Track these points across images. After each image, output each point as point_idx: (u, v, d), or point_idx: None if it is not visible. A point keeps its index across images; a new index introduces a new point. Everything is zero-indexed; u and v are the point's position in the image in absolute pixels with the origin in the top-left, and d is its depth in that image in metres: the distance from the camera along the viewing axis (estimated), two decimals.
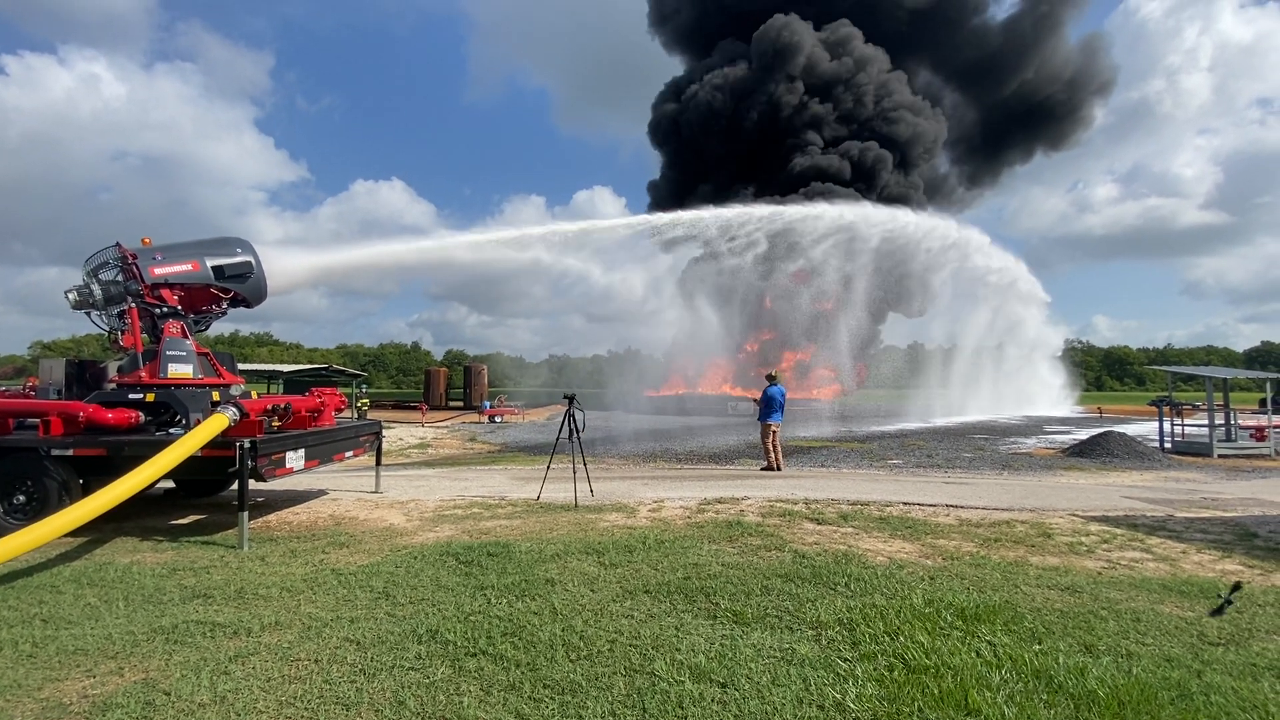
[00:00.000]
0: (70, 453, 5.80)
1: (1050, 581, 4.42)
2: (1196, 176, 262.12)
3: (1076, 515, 6.91)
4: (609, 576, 4.44)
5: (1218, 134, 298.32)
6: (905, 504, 7.38)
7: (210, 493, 8.00)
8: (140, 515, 6.76)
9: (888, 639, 3.32)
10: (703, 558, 4.92)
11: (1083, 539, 5.79)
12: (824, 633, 3.44)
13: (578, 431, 7.64)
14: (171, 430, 6.32)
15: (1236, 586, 4.08)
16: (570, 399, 7.76)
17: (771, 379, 12.03)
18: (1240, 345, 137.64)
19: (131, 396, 6.26)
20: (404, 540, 5.68)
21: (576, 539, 5.56)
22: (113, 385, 6.58)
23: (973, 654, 3.14)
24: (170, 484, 7.58)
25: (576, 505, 7.17)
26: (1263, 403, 32.94)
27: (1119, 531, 6.11)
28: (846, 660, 3.10)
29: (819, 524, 6.25)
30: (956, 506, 7.32)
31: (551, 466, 8.08)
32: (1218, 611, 3.80)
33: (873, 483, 9.78)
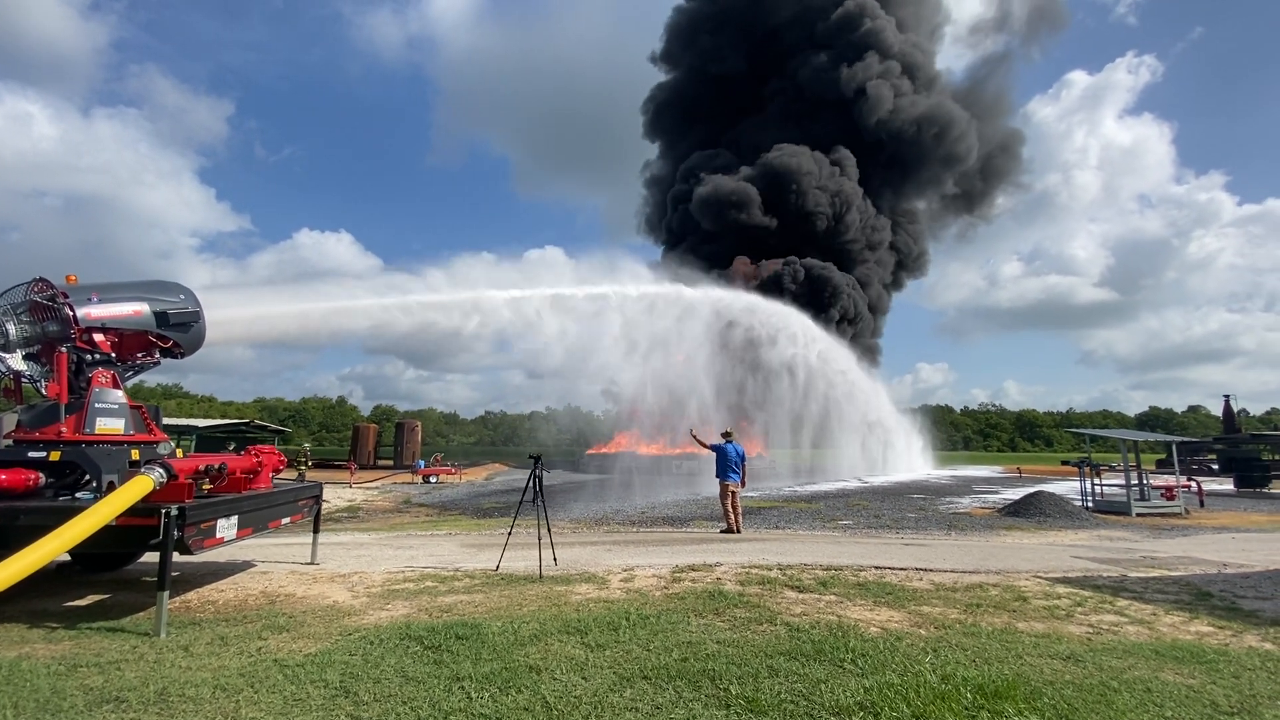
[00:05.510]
0: None
1: (1048, 650, 4.33)
2: (1090, 258, 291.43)
3: (1040, 577, 6.99)
4: (599, 660, 4.03)
5: (1107, 222, 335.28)
6: (877, 568, 7.28)
7: (114, 567, 6.98)
8: (27, 596, 5.77)
9: None
10: (694, 635, 4.57)
11: (1056, 602, 5.81)
12: (848, 719, 3.18)
13: (542, 494, 7.20)
14: (78, 495, 5.49)
15: None
16: (536, 459, 7.35)
17: (727, 436, 11.97)
18: (1131, 410, 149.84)
19: (31, 455, 5.43)
20: (353, 621, 5.04)
21: (552, 616, 5.09)
22: (9, 441, 5.70)
23: None
24: (65, 557, 6.55)
25: (541, 576, 6.66)
26: (1160, 463, 35.81)
27: (1086, 594, 6.19)
28: None
29: (800, 592, 6.03)
30: (926, 570, 7.28)
31: (502, 530, 7.55)
32: None
33: (836, 545, 9.69)
